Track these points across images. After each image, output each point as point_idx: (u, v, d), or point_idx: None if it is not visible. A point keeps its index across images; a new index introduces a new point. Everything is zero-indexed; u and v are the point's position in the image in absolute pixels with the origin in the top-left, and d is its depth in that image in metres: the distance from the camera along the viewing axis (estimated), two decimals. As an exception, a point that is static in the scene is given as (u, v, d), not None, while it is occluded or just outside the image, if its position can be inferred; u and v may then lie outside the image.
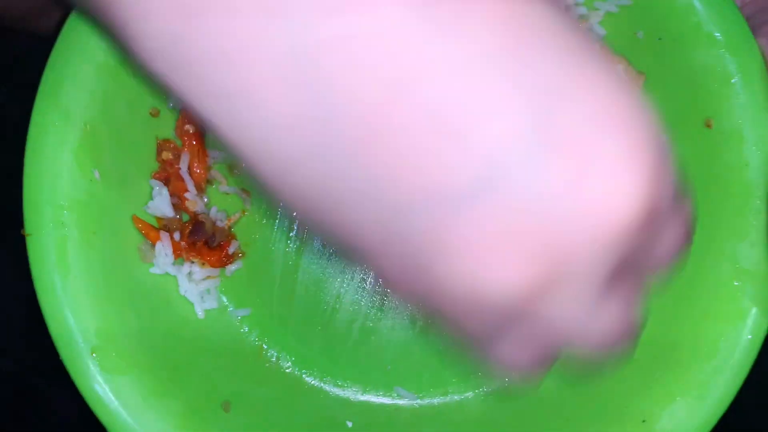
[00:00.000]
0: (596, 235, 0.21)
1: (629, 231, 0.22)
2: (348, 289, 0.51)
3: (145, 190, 0.50)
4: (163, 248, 0.48)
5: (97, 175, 0.47)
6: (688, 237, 0.26)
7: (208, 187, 0.51)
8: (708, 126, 0.50)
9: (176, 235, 0.49)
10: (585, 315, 0.24)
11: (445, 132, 0.20)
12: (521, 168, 0.21)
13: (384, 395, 0.51)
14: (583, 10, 0.53)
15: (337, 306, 0.51)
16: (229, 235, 0.50)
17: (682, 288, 0.48)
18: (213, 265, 0.49)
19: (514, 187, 0.21)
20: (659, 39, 0.51)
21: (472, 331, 0.25)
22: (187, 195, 0.49)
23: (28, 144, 0.46)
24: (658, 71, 0.51)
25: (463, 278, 0.22)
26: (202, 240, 0.48)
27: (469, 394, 0.50)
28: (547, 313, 0.23)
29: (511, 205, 0.21)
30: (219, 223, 0.50)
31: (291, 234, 0.51)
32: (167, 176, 0.49)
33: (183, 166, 0.49)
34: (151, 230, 0.48)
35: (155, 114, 0.50)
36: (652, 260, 0.25)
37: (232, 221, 0.50)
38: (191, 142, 0.49)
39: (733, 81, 0.49)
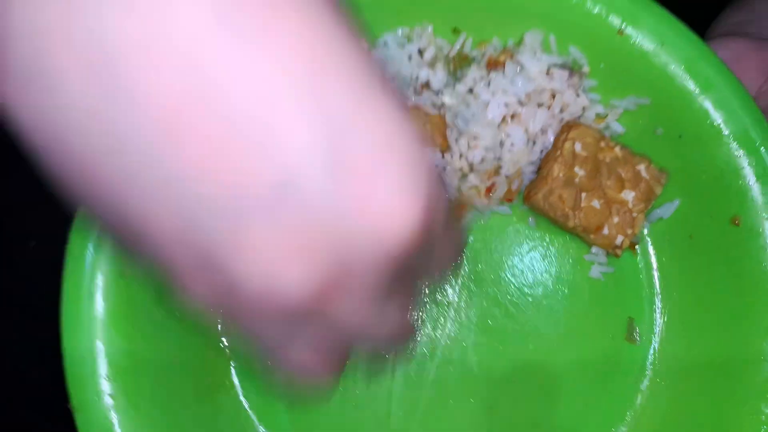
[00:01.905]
0: (378, 248, 0.24)
1: (405, 246, 0.24)
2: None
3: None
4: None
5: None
6: (457, 253, 0.31)
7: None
8: (735, 224, 0.50)
9: None
10: (368, 316, 0.26)
11: (246, 142, 0.21)
12: (316, 181, 0.23)
13: None
14: (599, 108, 0.52)
15: None
16: None
17: (723, 389, 0.49)
18: None
19: (310, 197, 0.23)
20: (680, 137, 0.51)
21: (265, 334, 0.26)
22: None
23: (63, 320, 0.46)
24: (681, 169, 0.51)
25: (257, 278, 0.23)
26: None
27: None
28: (334, 316, 0.25)
29: (306, 213, 0.23)
30: None
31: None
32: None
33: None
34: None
35: None
36: (426, 272, 0.29)
37: None
38: None
39: (754, 180, 0.49)
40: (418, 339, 0.32)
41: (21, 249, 0.49)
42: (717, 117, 0.50)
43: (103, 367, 0.47)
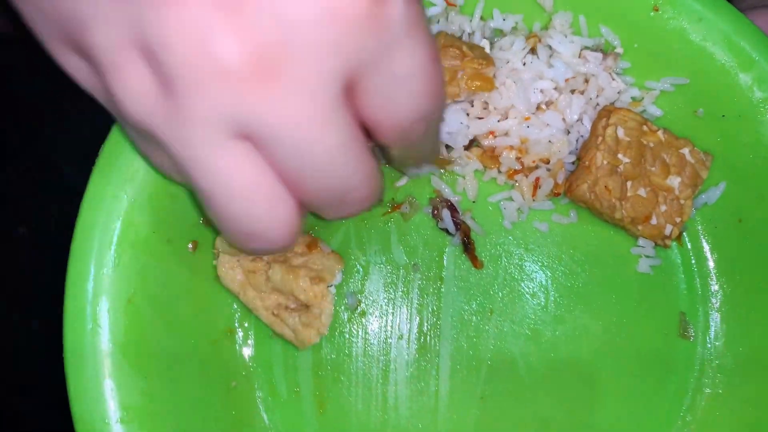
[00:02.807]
0: (318, 14, 0.23)
1: (351, 24, 0.23)
2: None
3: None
4: None
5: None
6: (427, 82, 0.27)
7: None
8: (788, 204, 0.47)
9: None
10: (307, 109, 0.24)
11: None
12: None
13: None
14: (635, 91, 0.49)
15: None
16: None
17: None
18: None
19: None
20: (722, 116, 0.48)
21: (206, 109, 0.24)
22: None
23: (66, 356, 0.40)
24: (726, 149, 0.48)
25: (192, 38, 0.22)
26: None
27: None
28: (272, 102, 0.24)
29: None
30: None
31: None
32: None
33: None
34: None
35: (193, 248, 0.44)
36: (387, 87, 0.26)
37: None
38: None
39: (808, 155, 0.46)
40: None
41: (9, 237, 0.43)
42: (761, 93, 0.47)
43: (114, 410, 0.40)
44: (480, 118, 0.47)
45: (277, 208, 0.27)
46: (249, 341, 0.47)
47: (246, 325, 0.47)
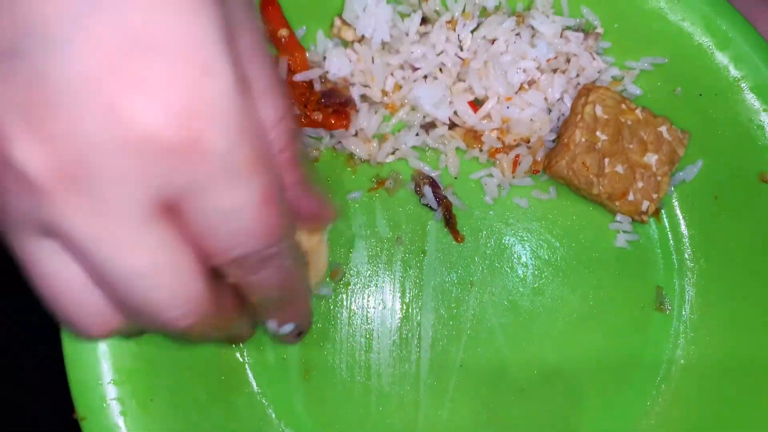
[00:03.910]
0: (121, 138, 0.22)
1: (157, 151, 0.22)
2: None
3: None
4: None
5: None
6: (254, 223, 0.26)
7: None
8: (764, 180, 0.48)
9: None
10: (117, 232, 0.23)
11: None
12: (62, 41, 0.21)
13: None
14: (615, 71, 0.50)
15: None
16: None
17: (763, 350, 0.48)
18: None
19: (49, 59, 0.21)
20: (700, 95, 0.49)
21: (10, 211, 0.24)
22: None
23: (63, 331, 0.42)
24: (703, 128, 0.49)
25: None
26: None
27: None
28: (74, 215, 0.23)
29: (41, 77, 0.21)
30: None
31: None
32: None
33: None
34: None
35: None
36: (207, 218, 0.25)
37: None
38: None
39: (783, 133, 0.48)
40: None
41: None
42: (737, 72, 0.48)
43: (108, 371, 0.43)
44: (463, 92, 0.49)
45: (87, 307, 0.27)
46: (239, 310, 0.49)
47: (237, 295, 0.49)
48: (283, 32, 0.46)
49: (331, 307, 0.49)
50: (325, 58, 0.48)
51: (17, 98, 0.22)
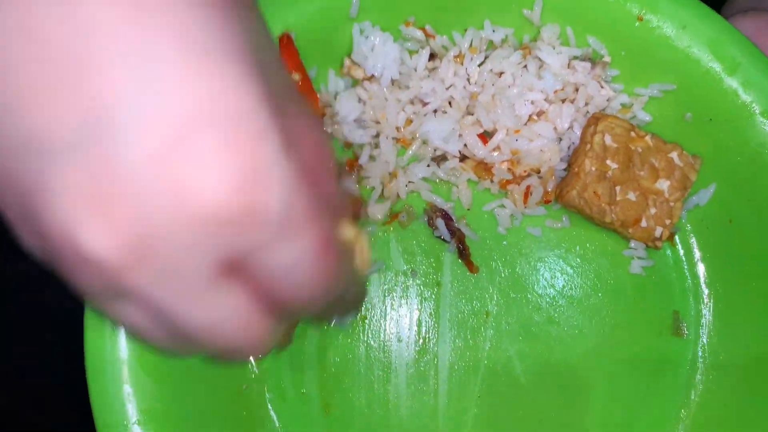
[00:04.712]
0: (186, 215, 0.23)
1: (220, 221, 0.23)
2: None
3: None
4: None
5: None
6: (314, 273, 0.27)
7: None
8: (776, 205, 0.48)
9: None
10: (187, 295, 0.25)
11: (59, 73, 0.21)
12: (122, 126, 0.22)
13: None
14: (624, 98, 0.51)
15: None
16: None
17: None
18: None
19: (113, 144, 0.22)
20: (710, 120, 0.49)
21: (84, 287, 0.25)
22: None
23: (87, 364, 0.43)
24: (714, 153, 0.50)
25: (62, 230, 0.23)
26: None
27: None
28: (146, 284, 0.24)
29: (106, 163, 0.22)
30: None
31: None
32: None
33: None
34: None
35: None
36: (271, 272, 0.26)
37: None
38: None
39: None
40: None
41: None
42: (747, 96, 0.48)
43: (133, 413, 0.44)
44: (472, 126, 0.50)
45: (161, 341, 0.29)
46: (258, 346, 0.50)
47: (256, 330, 0.50)
48: (296, 76, 0.47)
49: (348, 341, 0.50)
50: (336, 97, 0.49)
51: (83, 183, 0.23)
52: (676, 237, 0.51)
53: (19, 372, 0.52)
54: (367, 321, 0.50)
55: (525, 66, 0.49)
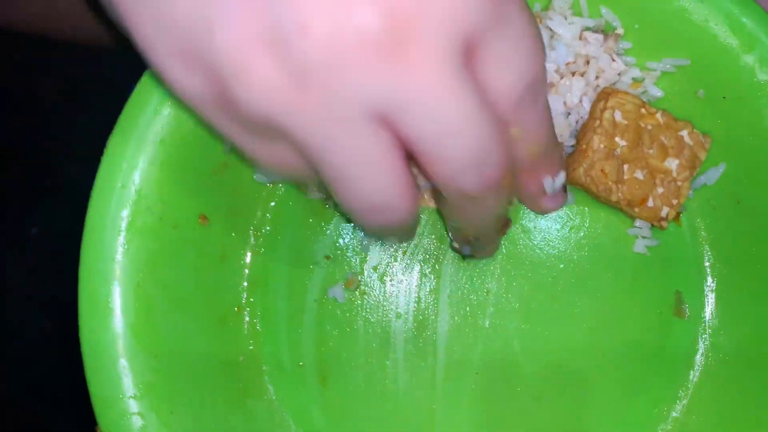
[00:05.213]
0: (347, 43, 0.24)
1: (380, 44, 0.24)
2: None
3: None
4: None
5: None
6: (535, 37, 0.29)
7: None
8: (787, 186, 0.47)
9: None
10: (443, 76, 0.25)
11: None
12: None
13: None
14: (636, 72, 0.49)
15: None
16: None
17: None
18: None
19: None
20: (723, 98, 0.48)
21: (240, 123, 0.28)
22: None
23: (82, 339, 0.43)
24: (726, 131, 0.48)
25: (233, 59, 0.25)
26: None
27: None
28: (304, 115, 0.26)
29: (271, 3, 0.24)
30: None
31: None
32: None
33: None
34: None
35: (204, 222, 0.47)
36: (500, 50, 0.27)
37: None
38: None
39: (809, 138, 0.46)
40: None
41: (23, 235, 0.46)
42: (763, 75, 0.47)
43: (129, 386, 0.44)
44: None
45: (405, 182, 0.29)
46: (256, 318, 0.49)
47: (252, 301, 0.49)
48: None
49: (347, 315, 0.49)
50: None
51: (254, 21, 0.25)
52: (682, 217, 0.50)
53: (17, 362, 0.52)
54: (365, 296, 0.49)
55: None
